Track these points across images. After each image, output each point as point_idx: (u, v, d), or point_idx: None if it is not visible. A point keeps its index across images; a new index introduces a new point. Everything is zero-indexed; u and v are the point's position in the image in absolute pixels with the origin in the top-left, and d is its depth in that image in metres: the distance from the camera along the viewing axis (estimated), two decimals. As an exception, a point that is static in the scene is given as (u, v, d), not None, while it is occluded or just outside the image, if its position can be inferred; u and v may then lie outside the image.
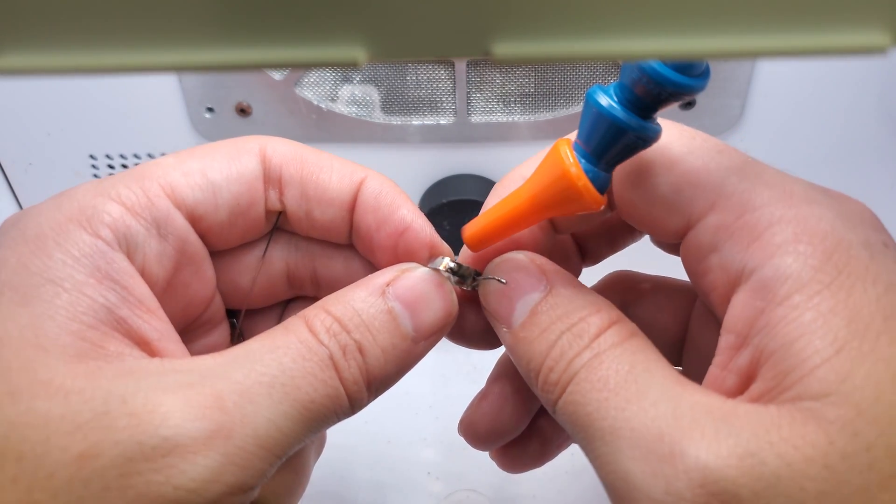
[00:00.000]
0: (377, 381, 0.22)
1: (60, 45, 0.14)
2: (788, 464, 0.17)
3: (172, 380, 0.20)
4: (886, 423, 0.17)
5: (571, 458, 0.43)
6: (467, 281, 0.25)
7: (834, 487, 0.17)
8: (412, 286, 0.23)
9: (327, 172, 0.25)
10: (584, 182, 0.21)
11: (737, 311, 0.20)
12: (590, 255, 0.29)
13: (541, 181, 0.22)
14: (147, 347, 0.22)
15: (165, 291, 0.24)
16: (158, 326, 0.22)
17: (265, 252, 0.27)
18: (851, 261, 0.19)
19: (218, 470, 0.19)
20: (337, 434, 0.31)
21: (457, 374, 0.48)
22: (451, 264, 0.25)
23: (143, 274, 0.23)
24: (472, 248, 0.25)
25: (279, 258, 0.28)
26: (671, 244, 0.25)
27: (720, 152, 0.22)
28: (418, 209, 0.25)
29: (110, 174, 0.46)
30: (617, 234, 0.28)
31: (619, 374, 0.20)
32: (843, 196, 0.21)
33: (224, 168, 0.24)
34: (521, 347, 0.23)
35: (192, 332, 0.27)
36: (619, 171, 0.23)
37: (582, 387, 0.20)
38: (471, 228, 0.24)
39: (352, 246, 0.27)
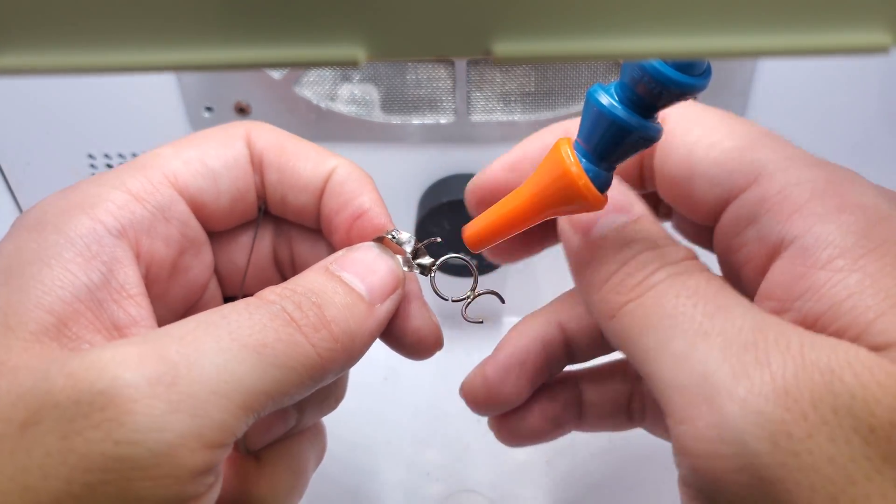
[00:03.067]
0: (343, 334, 0.22)
1: (60, 44, 0.14)
2: (863, 385, 0.17)
3: (116, 343, 0.19)
4: None
5: (572, 458, 0.43)
6: (422, 264, 0.26)
7: None
8: (353, 258, 0.24)
9: (303, 160, 0.26)
10: (584, 181, 0.21)
11: (776, 278, 0.20)
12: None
13: (541, 181, 0.22)
14: (116, 333, 0.22)
15: (171, 275, 0.25)
16: (133, 313, 0.22)
17: (255, 234, 0.28)
18: (894, 232, 0.19)
19: (162, 419, 0.18)
20: (336, 435, 0.31)
21: (457, 375, 0.48)
22: (412, 241, 0.26)
23: (152, 257, 0.24)
24: (472, 247, 0.25)
25: (267, 241, 0.29)
26: (698, 227, 0.26)
27: (764, 134, 0.23)
28: (380, 198, 0.26)
29: (110, 174, 0.46)
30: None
31: (708, 287, 0.20)
32: (880, 185, 0.22)
33: (220, 155, 0.25)
34: (598, 252, 0.23)
35: (191, 315, 0.27)
36: (661, 147, 0.24)
37: (664, 291, 0.20)
38: (471, 228, 0.24)
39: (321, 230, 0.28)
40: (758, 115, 0.44)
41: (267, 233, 0.29)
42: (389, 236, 0.26)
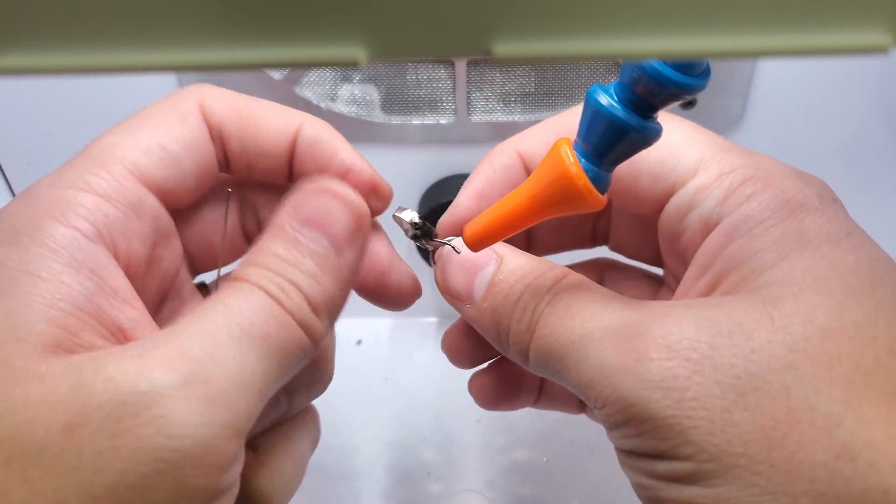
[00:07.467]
0: (323, 306, 0.22)
1: (60, 45, 0.14)
2: (739, 323, 0.20)
3: (138, 348, 0.20)
4: (820, 294, 0.20)
5: (571, 458, 0.43)
6: (427, 237, 0.26)
7: (774, 337, 0.20)
8: (308, 207, 0.23)
9: (263, 124, 0.26)
10: (584, 182, 0.21)
11: (704, 248, 0.24)
12: (538, 245, 0.31)
13: (541, 181, 0.22)
14: (122, 336, 0.22)
15: (146, 270, 0.25)
16: (133, 315, 0.22)
17: (227, 211, 0.28)
18: (805, 205, 0.22)
19: (206, 412, 0.19)
20: (337, 435, 0.31)
21: (457, 375, 0.48)
22: (417, 220, 0.26)
23: (130, 256, 0.23)
24: (472, 247, 0.25)
25: (233, 214, 0.28)
26: (636, 241, 0.29)
27: (696, 129, 0.25)
28: (356, 151, 0.26)
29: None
30: (566, 233, 0.30)
31: (579, 300, 0.23)
32: (803, 171, 0.25)
33: (179, 136, 0.25)
34: (486, 316, 0.25)
35: (165, 305, 0.27)
36: None
37: (549, 321, 0.23)
38: (471, 228, 0.24)
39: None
40: (757, 116, 0.44)
41: (233, 205, 0.28)
42: (419, 221, 0.26)
